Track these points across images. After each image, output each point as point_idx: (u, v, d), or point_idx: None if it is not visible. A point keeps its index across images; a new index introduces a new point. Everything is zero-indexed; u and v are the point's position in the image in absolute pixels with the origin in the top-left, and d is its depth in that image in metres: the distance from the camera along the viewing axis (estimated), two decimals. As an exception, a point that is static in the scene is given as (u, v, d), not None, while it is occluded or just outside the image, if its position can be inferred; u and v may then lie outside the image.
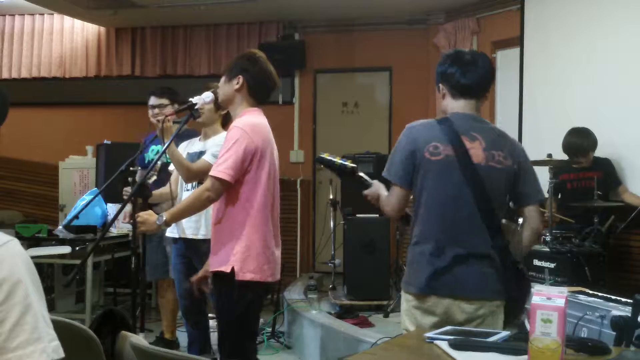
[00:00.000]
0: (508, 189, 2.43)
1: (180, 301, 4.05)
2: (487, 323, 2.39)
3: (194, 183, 3.76)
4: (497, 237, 2.39)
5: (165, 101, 4.46)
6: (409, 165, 2.42)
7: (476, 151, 2.38)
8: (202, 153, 3.70)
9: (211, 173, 2.79)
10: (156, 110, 4.41)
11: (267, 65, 3.01)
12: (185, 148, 3.93)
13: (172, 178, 3.89)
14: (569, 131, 4.82)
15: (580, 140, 4.78)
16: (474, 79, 2.43)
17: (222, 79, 3.03)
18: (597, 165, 4.82)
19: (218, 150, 3.04)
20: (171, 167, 3.78)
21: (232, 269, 2.79)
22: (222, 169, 2.77)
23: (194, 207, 2.94)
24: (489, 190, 2.37)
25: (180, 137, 3.67)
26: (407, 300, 2.46)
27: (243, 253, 2.80)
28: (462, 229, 2.39)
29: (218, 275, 2.87)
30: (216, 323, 3.20)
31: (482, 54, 2.58)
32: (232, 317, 2.86)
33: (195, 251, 3.81)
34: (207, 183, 2.80)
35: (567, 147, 4.79)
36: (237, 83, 2.93)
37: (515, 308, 2.46)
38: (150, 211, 2.99)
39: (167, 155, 3.59)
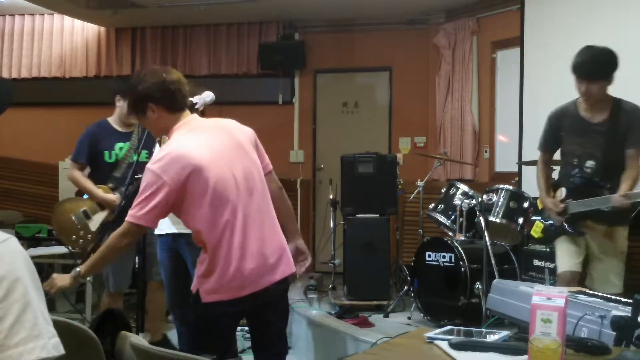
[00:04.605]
0: None
1: (166, 294, 4.05)
2: None
3: None
4: None
5: None
6: None
7: None
8: None
9: (128, 218, 2.57)
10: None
11: (156, 71, 2.71)
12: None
13: None
14: None
15: None
16: None
17: (140, 121, 2.79)
18: None
19: None
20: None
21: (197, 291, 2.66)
22: (139, 215, 2.54)
23: (111, 256, 2.73)
24: None
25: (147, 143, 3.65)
26: None
27: (202, 275, 2.65)
28: None
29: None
30: None
31: None
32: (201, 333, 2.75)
33: (181, 244, 3.79)
34: (124, 229, 2.58)
35: None
36: (153, 112, 2.65)
37: None
38: (60, 275, 2.91)
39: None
